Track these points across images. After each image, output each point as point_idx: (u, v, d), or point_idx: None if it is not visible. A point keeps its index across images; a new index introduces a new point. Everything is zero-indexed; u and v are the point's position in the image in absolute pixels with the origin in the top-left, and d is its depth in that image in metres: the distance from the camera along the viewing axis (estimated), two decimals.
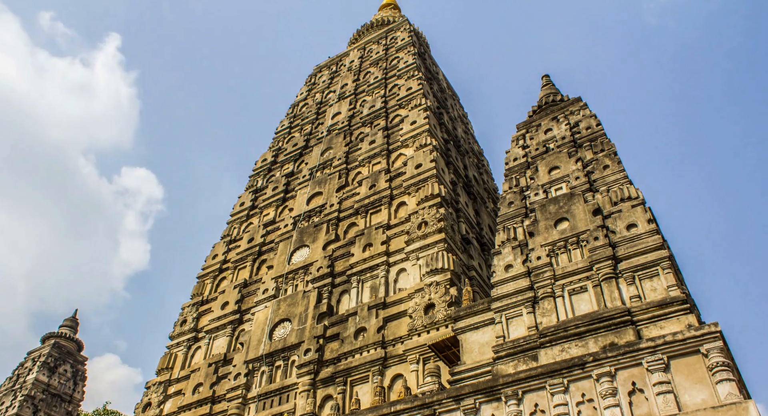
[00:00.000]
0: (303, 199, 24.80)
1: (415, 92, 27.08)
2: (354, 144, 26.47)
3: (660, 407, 9.88)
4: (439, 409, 11.83)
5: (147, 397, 20.48)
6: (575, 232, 13.70)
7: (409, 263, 18.74)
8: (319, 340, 18.11)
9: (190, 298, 23.74)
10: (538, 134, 18.52)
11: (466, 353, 13.41)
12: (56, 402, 28.33)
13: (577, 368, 10.90)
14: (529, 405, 10.98)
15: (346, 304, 19.22)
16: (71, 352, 30.44)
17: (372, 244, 19.98)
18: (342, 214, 22.75)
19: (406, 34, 34.13)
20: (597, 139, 16.87)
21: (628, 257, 12.45)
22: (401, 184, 21.92)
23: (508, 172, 17.49)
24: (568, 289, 12.79)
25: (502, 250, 14.35)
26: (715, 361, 9.92)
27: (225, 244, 25.39)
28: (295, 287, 20.86)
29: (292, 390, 17.52)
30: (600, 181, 15.02)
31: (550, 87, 21.25)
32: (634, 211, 13.20)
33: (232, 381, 18.69)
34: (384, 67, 31.59)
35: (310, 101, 33.05)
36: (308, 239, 22.41)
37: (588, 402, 10.54)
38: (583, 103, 18.94)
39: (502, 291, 13.45)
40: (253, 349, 19.20)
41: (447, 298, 16.45)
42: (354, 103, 29.91)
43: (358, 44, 36.93)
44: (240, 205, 27.31)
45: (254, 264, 23.52)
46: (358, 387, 16.52)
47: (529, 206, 15.40)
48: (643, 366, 10.42)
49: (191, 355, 21.50)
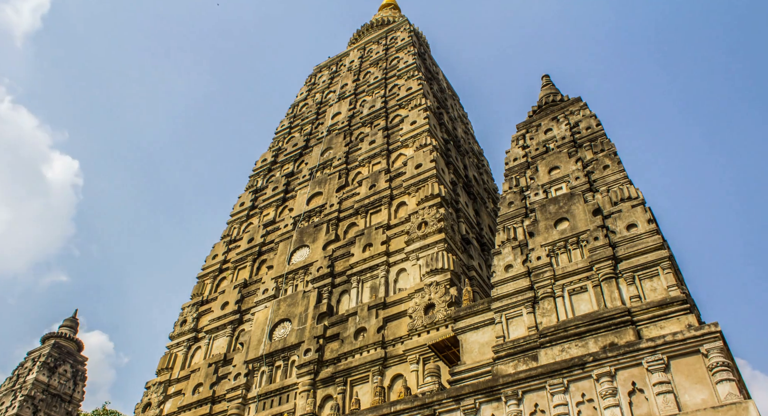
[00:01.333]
0: (303, 199, 24.80)
1: (415, 92, 27.08)
2: (354, 144, 26.47)
3: (660, 407, 9.88)
4: (439, 409, 11.83)
5: (147, 397, 20.48)
6: (575, 232, 13.70)
7: (409, 263, 18.74)
8: (319, 340, 18.10)
9: (190, 298, 23.74)
10: (538, 134, 18.51)
11: (466, 353, 13.41)
12: (56, 402, 28.32)
13: (577, 368, 10.90)
14: (529, 405, 10.98)
15: (346, 304, 19.21)
16: (71, 352, 30.44)
17: (372, 244, 19.98)
18: (342, 214, 22.74)
19: (406, 34, 34.13)
20: (597, 139, 16.87)
21: (628, 257, 12.45)
22: (401, 184, 21.91)
23: (508, 172, 17.48)
24: (568, 289, 12.79)
25: (502, 250, 14.34)
26: (715, 361, 9.92)
27: (225, 244, 25.39)
28: (295, 288, 20.85)
29: (292, 390, 17.52)
30: (600, 181, 15.02)
31: (550, 87, 21.25)
32: (634, 211, 13.20)
33: (232, 381, 18.68)
34: (384, 67, 31.58)
35: (310, 101, 33.05)
36: (308, 239, 22.41)
37: (588, 402, 10.53)
38: (583, 103, 18.94)
39: (502, 291, 13.45)
40: (253, 349, 19.19)
41: (447, 298, 16.45)
42: (354, 103, 29.90)
43: (358, 44, 36.92)
44: (240, 205, 27.30)
45: (254, 264, 23.52)
46: (358, 387, 16.51)
47: (529, 206, 15.40)
48: (643, 366, 10.42)
49: (191, 355, 21.49)
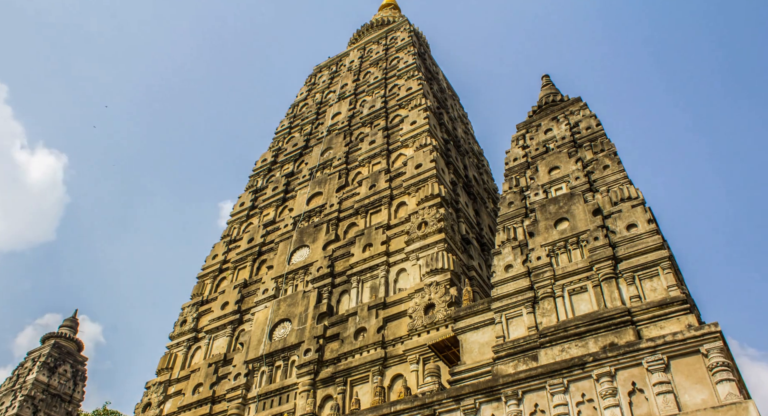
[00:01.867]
0: (303, 199, 24.79)
1: (415, 92, 27.08)
2: (354, 144, 26.46)
3: (660, 407, 9.88)
4: (439, 409, 11.83)
5: (147, 397, 20.48)
6: (575, 232, 13.70)
7: (409, 263, 18.74)
8: (319, 340, 18.10)
9: (190, 298, 23.74)
10: (538, 134, 18.51)
11: (466, 353, 13.40)
12: (56, 402, 28.32)
13: (577, 368, 10.90)
14: (529, 405, 10.97)
15: (346, 304, 19.21)
16: (71, 352, 30.44)
17: (372, 244, 19.98)
18: (342, 214, 22.74)
19: (406, 34, 34.12)
20: (597, 139, 16.87)
21: (628, 257, 12.45)
22: (401, 184, 21.91)
23: (508, 172, 17.48)
24: (568, 289, 12.79)
25: (502, 250, 14.34)
26: (715, 361, 9.92)
27: (225, 244, 25.38)
28: (295, 288, 20.85)
29: (292, 390, 17.51)
30: (600, 181, 15.02)
31: (550, 87, 21.24)
32: (634, 211, 13.19)
33: (232, 381, 18.68)
34: (384, 67, 31.58)
35: (310, 101, 33.04)
36: (308, 239, 22.40)
37: (588, 402, 10.53)
38: (583, 103, 18.93)
39: (502, 291, 13.44)
40: (253, 349, 19.19)
41: (447, 298, 16.45)
42: (354, 103, 29.90)
43: (358, 44, 36.91)
44: (240, 205, 27.30)
45: (254, 264, 23.52)
46: (358, 387, 16.51)
47: (529, 206, 15.40)
48: (643, 366, 10.41)
49: (191, 355, 21.49)
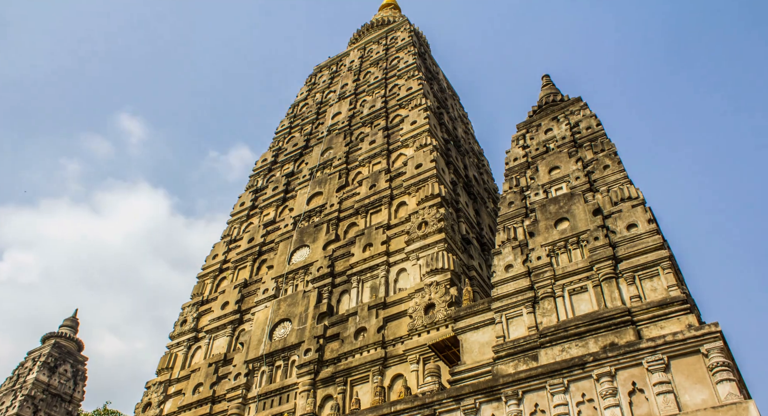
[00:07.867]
0: (303, 199, 24.79)
1: (416, 92, 27.07)
2: (354, 144, 26.46)
3: (660, 407, 9.88)
4: (439, 409, 11.82)
5: (147, 397, 20.48)
6: (575, 232, 13.70)
7: (409, 263, 18.73)
8: (319, 340, 18.10)
9: (190, 298, 23.74)
10: (538, 134, 18.51)
11: (466, 353, 13.40)
12: (56, 402, 28.33)
13: (577, 368, 10.90)
14: (529, 405, 10.97)
15: (346, 304, 19.21)
16: (71, 352, 30.45)
17: (372, 244, 19.97)
18: (342, 214, 22.73)
19: (406, 34, 34.11)
20: (597, 139, 16.86)
21: (629, 257, 12.45)
22: (401, 184, 21.91)
23: (508, 172, 17.48)
24: (569, 289, 12.79)
25: (502, 250, 14.34)
26: (716, 361, 9.91)
27: (225, 244, 25.38)
28: (295, 287, 20.85)
29: (292, 390, 17.51)
30: (600, 181, 15.02)
31: (550, 87, 21.24)
32: (634, 211, 13.19)
33: (232, 381, 18.68)
34: (384, 67, 31.57)
35: (311, 101, 33.04)
36: (308, 239, 22.40)
37: (588, 402, 10.53)
38: (583, 103, 18.93)
39: (502, 291, 13.44)
40: (253, 349, 19.19)
41: (447, 298, 16.44)
42: (354, 103, 29.89)
43: (358, 44, 36.90)
44: (240, 205, 27.30)
45: (254, 264, 23.52)
46: (358, 387, 16.51)
47: (530, 206, 15.40)
48: (644, 366, 10.41)
49: (191, 355, 21.49)
